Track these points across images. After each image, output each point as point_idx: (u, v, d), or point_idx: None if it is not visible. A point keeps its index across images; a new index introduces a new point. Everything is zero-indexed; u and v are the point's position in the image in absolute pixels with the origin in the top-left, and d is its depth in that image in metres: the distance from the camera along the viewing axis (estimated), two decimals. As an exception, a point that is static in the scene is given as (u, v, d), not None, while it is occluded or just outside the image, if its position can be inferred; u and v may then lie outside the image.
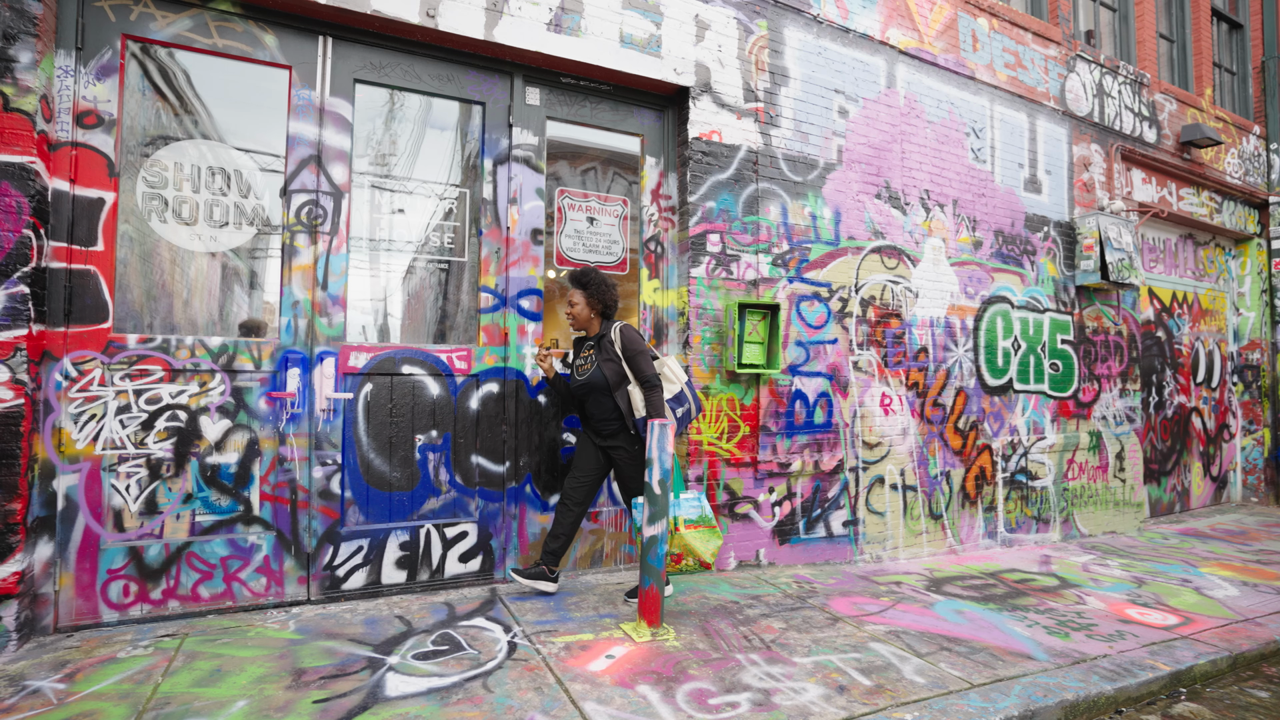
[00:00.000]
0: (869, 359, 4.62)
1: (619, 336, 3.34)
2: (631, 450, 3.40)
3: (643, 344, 3.34)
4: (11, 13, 2.70)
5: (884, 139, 4.77)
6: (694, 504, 3.28)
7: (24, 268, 2.69)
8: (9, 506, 2.65)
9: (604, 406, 3.36)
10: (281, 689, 2.41)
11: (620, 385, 3.31)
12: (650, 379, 3.27)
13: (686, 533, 3.19)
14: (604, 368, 3.31)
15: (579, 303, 3.42)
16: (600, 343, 3.37)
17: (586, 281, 3.41)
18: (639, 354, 3.29)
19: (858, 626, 3.25)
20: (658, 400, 3.27)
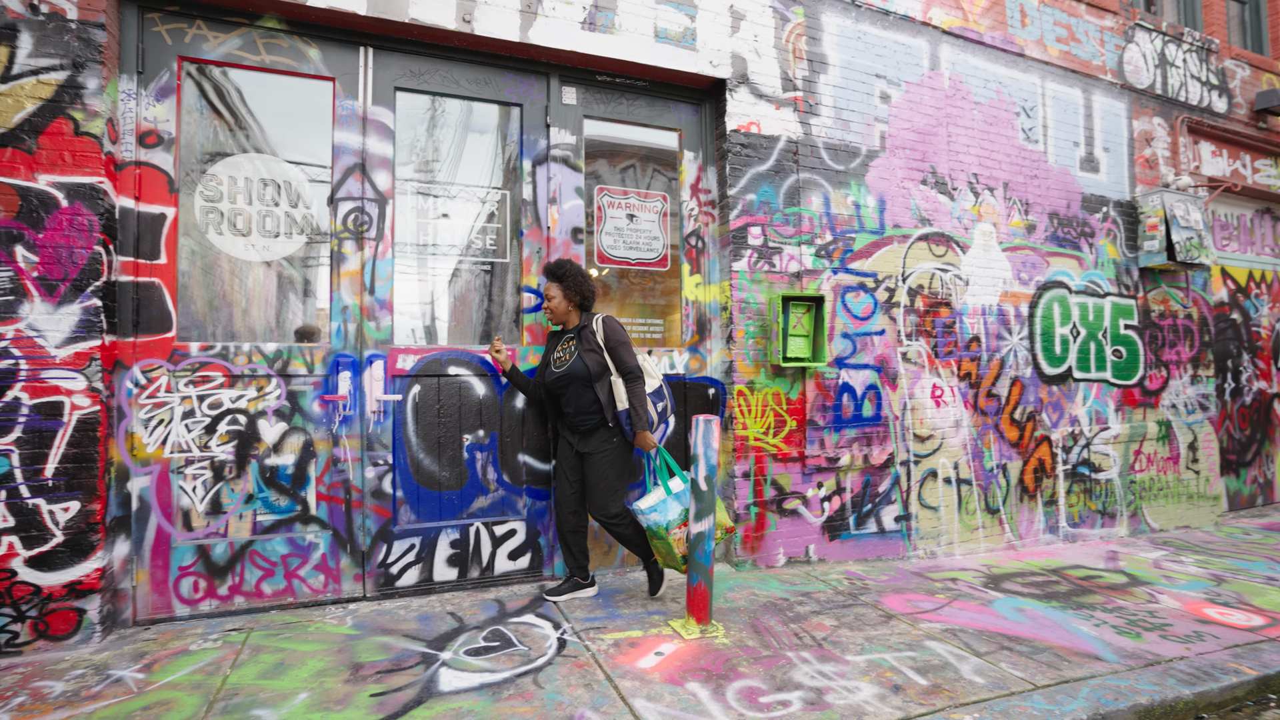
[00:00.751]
0: (918, 350, 4.49)
1: (601, 327, 3.29)
2: (610, 444, 3.30)
3: (625, 335, 3.32)
4: (80, 42, 2.86)
5: (928, 123, 4.62)
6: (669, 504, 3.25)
7: (96, 282, 2.84)
8: (90, 507, 2.80)
9: (583, 399, 3.27)
10: (340, 682, 2.48)
11: (602, 376, 3.24)
12: (633, 370, 3.24)
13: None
14: (585, 358, 3.23)
15: (556, 295, 3.34)
16: (581, 334, 3.31)
17: (563, 274, 3.33)
18: (622, 345, 3.26)
19: (912, 624, 3.16)
20: (640, 392, 3.23)
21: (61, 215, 2.81)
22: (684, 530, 3.13)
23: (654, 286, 4.16)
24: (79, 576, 2.78)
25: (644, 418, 3.24)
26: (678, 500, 3.18)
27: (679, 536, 3.14)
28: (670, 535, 3.13)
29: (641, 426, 3.24)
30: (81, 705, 2.32)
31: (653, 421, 3.33)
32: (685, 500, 3.17)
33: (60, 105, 2.83)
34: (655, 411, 3.36)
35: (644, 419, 3.24)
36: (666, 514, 3.15)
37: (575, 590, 3.42)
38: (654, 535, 3.20)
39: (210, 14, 3.19)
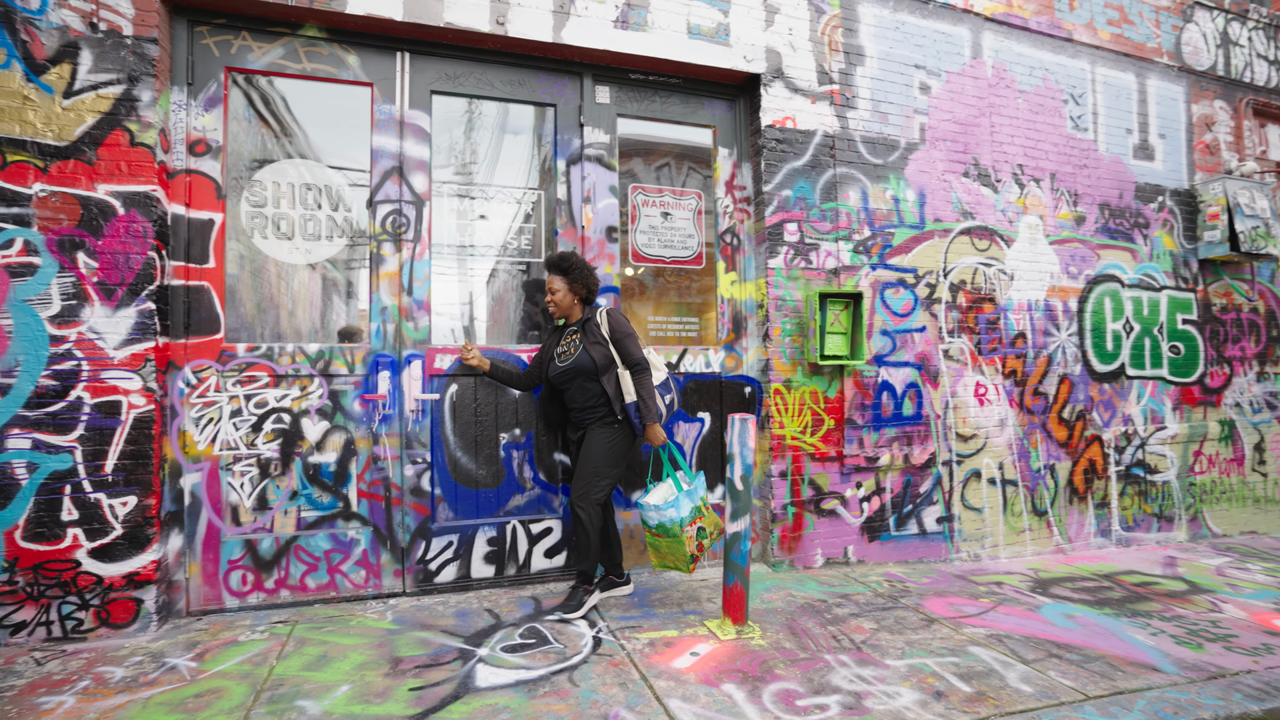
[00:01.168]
0: (961, 347, 4.36)
1: (606, 320, 3.22)
2: (611, 426, 3.21)
3: (630, 328, 3.25)
4: (135, 57, 2.98)
5: (970, 113, 4.49)
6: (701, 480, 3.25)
7: (150, 286, 2.96)
8: (146, 501, 2.92)
9: (588, 392, 3.20)
10: (380, 676, 2.53)
11: (608, 369, 3.17)
12: (640, 362, 3.18)
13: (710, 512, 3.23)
14: (591, 351, 3.16)
15: (560, 289, 3.26)
16: (585, 326, 3.24)
17: (567, 267, 3.26)
18: (628, 337, 3.20)
19: (955, 629, 3.08)
20: (649, 383, 3.18)
21: (118, 223, 2.93)
22: (694, 528, 3.12)
23: (689, 285, 4.14)
24: (137, 568, 2.90)
25: (653, 409, 3.17)
26: (689, 497, 3.14)
27: (690, 535, 3.10)
28: (683, 534, 3.09)
29: (651, 419, 3.17)
30: (139, 691, 2.41)
31: (661, 414, 3.25)
32: (695, 497, 3.15)
33: (117, 118, 2.95)
34: (663, 405, 3.29)
35: (653, 411, 3.17)
36: (680, 512, 3.10)
37: (610, 590, 3.42)
38: (663, 534, 3.14)
39: (254, 25, 3.29)
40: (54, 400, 2.84)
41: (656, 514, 3.13)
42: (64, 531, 2.83)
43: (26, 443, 2.81)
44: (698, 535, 3.14)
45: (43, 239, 2.86)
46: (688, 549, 3.12)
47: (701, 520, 3.17)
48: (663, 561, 3.26)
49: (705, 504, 3.21)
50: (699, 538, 3.15)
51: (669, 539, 3.14)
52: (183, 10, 3.19)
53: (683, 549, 3.12)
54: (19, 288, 2.82)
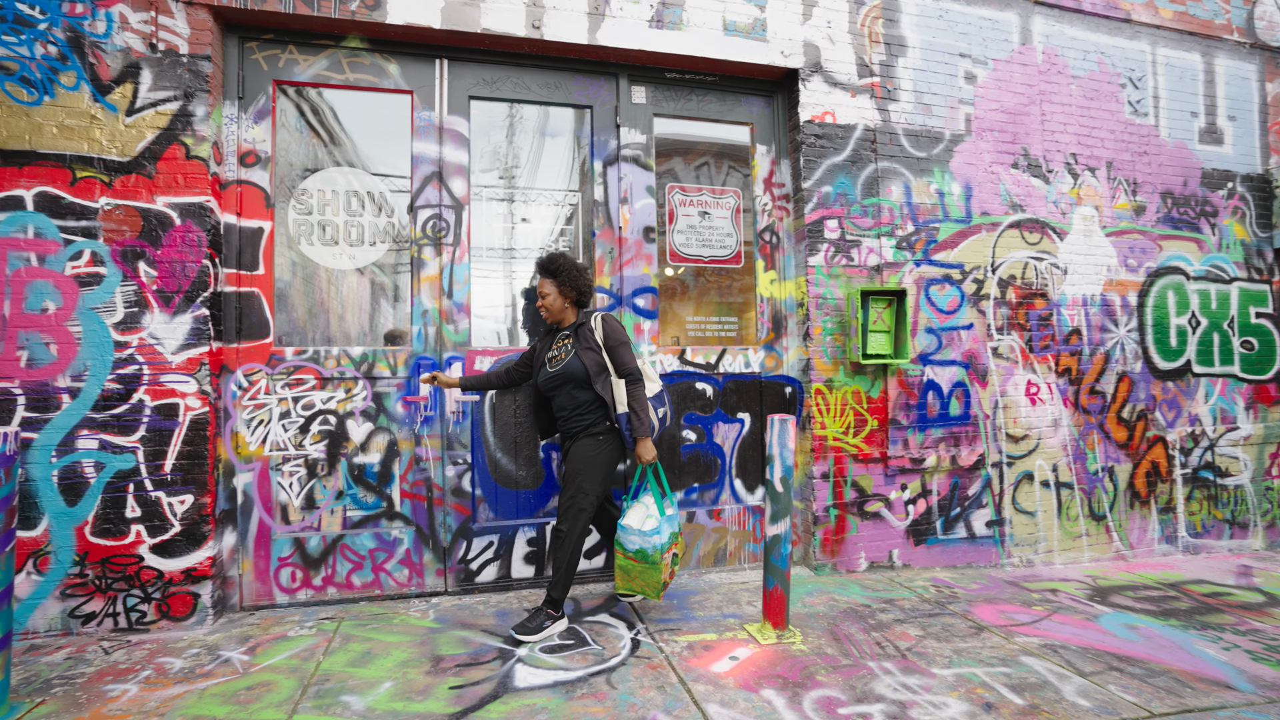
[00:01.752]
0: (1010, 344, 4.20)
1: (600, 325, 3.07)
2: (596, 438, 3.04)
3: (625, 335, 3.11)
4: (190, 74, 3.11)
5: (1019, 102, 4.32)
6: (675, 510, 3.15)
7: (204, 293, 3.08)
8: (202, 500, 3.05)
9: (577, 400, 3.05)
10: (422, 674, 2.58)
11: (600, 376, 3.01)
12: (634, 372, 3.02)
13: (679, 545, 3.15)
14: (583, 357, 3.01)
15: (550, 292, 3.11)
16: (578, 332, 3.09)
17: (556, 268, 3.11)
18: (622, 345, 3.05)
19: (1006, 637, 2.96)
20: (642, 395, 3.01)
21: (175, 233, 3.06)
22: (670, 555, 3.01)
23: (728, 284, 4.10)
24: (194, 563, 3.02)
25: (646, 422, 2.99)
26: (669, 523, 3.03)
27: (666, 562, 2.97)
28: (661, 560, 2.93)
29: (643, 433, 2.98)
30: (196, 682, 2.51)
31: (654, 428, 3.08)
32: (675, 523, 3.09)
33: (174, 133, 3.09)
34: (655, 418, 3.12)
35: (646, 424, 2.98)
36: (662, 537, 2.95)
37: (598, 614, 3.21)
38: (641, 559, 2.94)
39: (300, 38, 3.40)
40: (118, 403, 2.98)
41: (639, 539, 2.94)
42: (128, 528, 2.97)
43: (94, 443, 2.96)
44: (673, 562, 3.05)
45: (108, 250, 3.00)
46: (662, 576, 2.95)
47: (676, 547, 3.09)
48: (629, 585, 3.02)
49: (680, 533, 3.16)
50: (674, 565, 3.07)
51: (645, 565, 2.94)
52: (234, 27, 3.31)
53: (657, 576, 2.93)
54: (86, 296, 2.98)
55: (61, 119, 2.99)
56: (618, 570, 3.04)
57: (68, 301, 2.96)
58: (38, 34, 2.98)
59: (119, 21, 3.06)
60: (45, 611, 2.91)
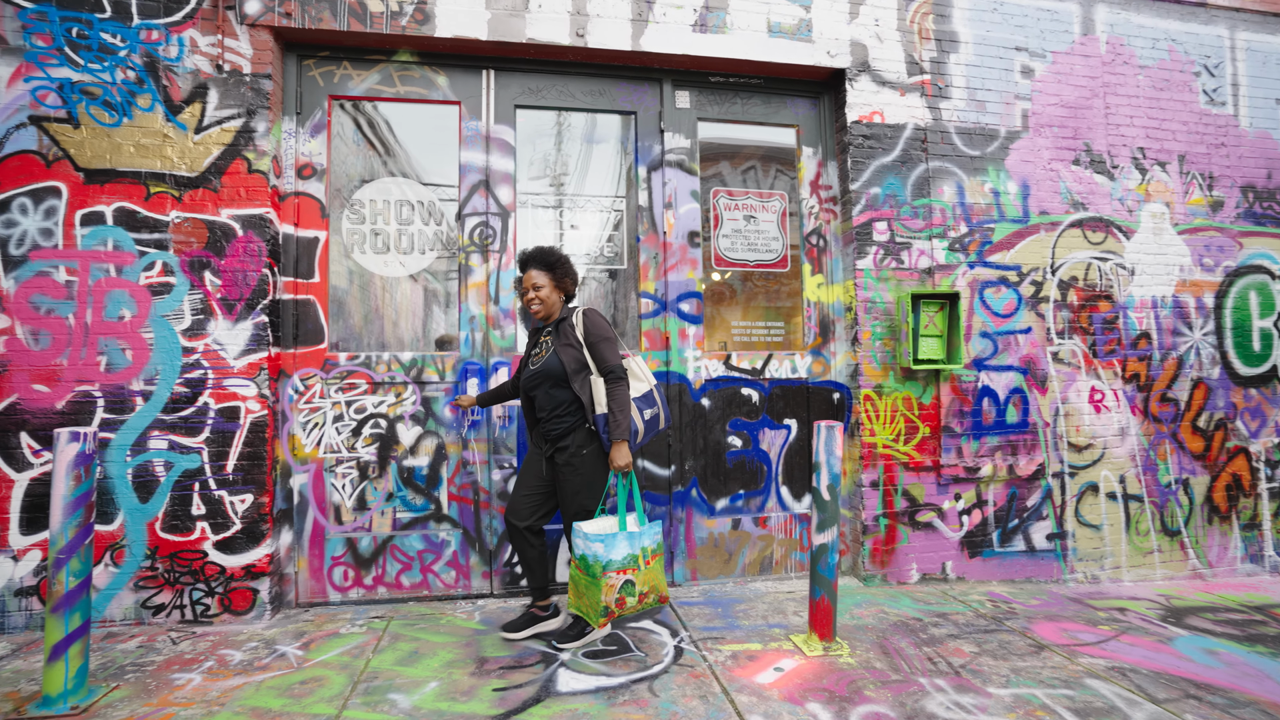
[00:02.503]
0: (1072, 349, 4.01)
1: (581, 320, 2.88)
2: (581, 452, 2.84)
3: (610, 331, 2.89)
4: (253, 92, 3.26)
5: (1081, 95, 4.13)
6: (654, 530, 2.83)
7: (264, 300, 3.22)
8: (261, 499, 3.17)
9: (555, 400, 2.86)
10: (466, 675, 2.61)
11: (579, 375, 2.83)
12: (615, 369, 2.80)
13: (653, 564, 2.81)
14: (561, 354, 2.85)
15: (545, 285, 2.91)
16: (559, 327, 2.92)
17: (554, 261, 2.94)
18: (604, 341, 2.83)
19: (1069, 658, 2.81)
20: (622, 395, 2.79)
21: (238, 243, 3.21)
22: (620, 578, 2.68)
23: (775, 288, 4.04)
24: (253, 560, 3.15)
25: (622, 425, 2.76)
26: (629, 541, 2.73)
27: (612, 583, 2.67)
28: (604, 578, 2.66)
29: (619, 435, 2.75)
30: (254, 674, 2.61)
31: (636, 432, 2.83)
32: (636, 544, 2.74)
33: (237, 148, 3.24)
34: (641, 420, 2.86)
35: (622, 427, 2.76)
36: (611, 551, 2.69)
37: (532, 625, 2.98)
38: (584, 569, 2.72)
39: (354, 54, 3.52)
40: (185, 405, 3.14)
41: (584, 543, 2.72)
42: (193, 524, 3.12)
43: (164, 443, 3.12)
44: (622, 588, 2.69)
45: (177, 260, 3.17)
46: (603, 598, 2.65)
47: (635, 574, 2.73)
48: (577, 603, 2.78)
49: (647, 557, 2.77)
50: (623, 591, 2.69)
51: (588, 578, 2.71)
52: (293, 46, 3.46)
53: (598, 596, 2.66)
54: (158, 304, 3.15)
55: (138, 138, 3.18)
56: (569, 582, 2.82)
57: (141, 310, 3.13)
58: (118, 60, 3.18)
59: (189, 45, 3.23)
60: (120, 601, 3.07)
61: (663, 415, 3.01)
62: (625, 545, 2.72)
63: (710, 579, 3.74)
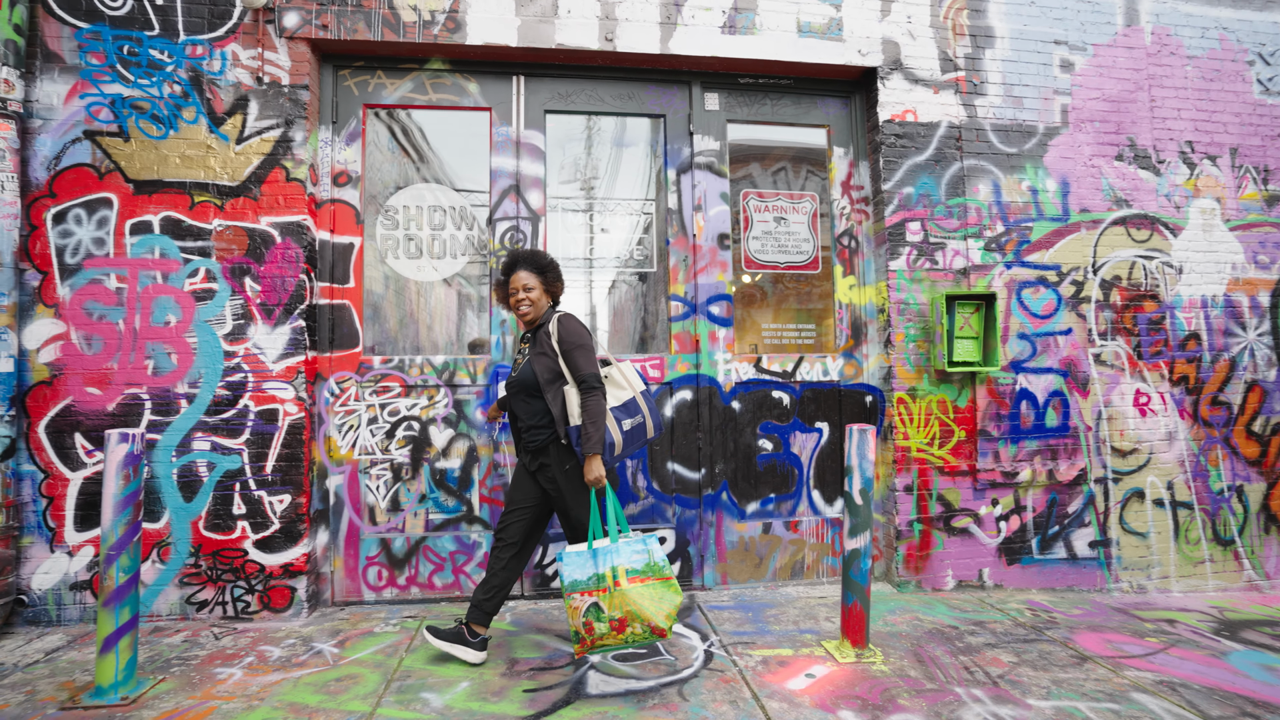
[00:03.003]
0: (1116, 350, 3.88)
1: (557, 327, 2.74)
2: (563, 469, 2.72)
3: (586, 338, 2.74)
4: (290, 103, 3.35)
5: (1124, 89, 4.00)
6: (639, 548, 2.59)
7: (301, 305, 3.30)
8: (298, 500, 3.25)
9: (531, 410, 2.75)
10: (497, 675, 2.63)
11: (554, 384, 2.70)
12: (589, 378, 2.65)
13: (630, 587, 2.50)
14: (535, 363, 2.72)
15: (535, 287, 2.79)
16: (536, 334, 2.81)
17: (545, 264, 2.83)
18: (579, 348, 2.69)
19: (1114, 670, 2.72)
20: (595, 406, 2.63)
21: (276, 250, 3.29)
22: (585, 600, 2.51)
23: (806, 290, 4.00)
24: (291, 559, 3.22)
25: (594, 438, 2.60)
26: (593, 560, 2.55)
27: (576, 605, 2.51)
28: (568, 599, 2.52)
29: (591, 449, 2.60)
30: (292, 671, 2.67)
31: (613, 445, 2.67)
32: (603, 563, 2.55)
33: (276, 157, 3.33)
34: (619, 432, 2.70)
35: (594, 440, 2.60)
36: (574, 570, 2.54)
37: (456, 644, 2.72)
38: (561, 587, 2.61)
39: (388, 63, 3.60)
40: (227, 408, 3.23)
41: (559, 561, 2.61)
42: (234, 523, 3.21)
43: (207, 445, 3.22)
44: (587, 612, 2.50)
45: (219, 267, 3.27)
46: (570, 621, 2.53)
47: (602, 597, 2.50)
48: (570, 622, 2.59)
49: (617, 578, 2.52)
50: (589, 615, 2.49)
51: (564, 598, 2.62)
52: (329, 57, 3.55)
53: (571, 618, 2.53)
54: (201, 310, 3.25)
55: (183, 150, 3.29)
56: None
57: (186, 315, 3.24)
58: (166, 75, 3.30)
59: (231, 59, 3.33)
60: (166, 597, 3.18)
61: (650, 424, 2.83)
62: (590, 564, 2.55)
63: (740, 583, 3.71)
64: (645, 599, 2.51)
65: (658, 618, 2.50)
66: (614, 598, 2.49)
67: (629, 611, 2.49)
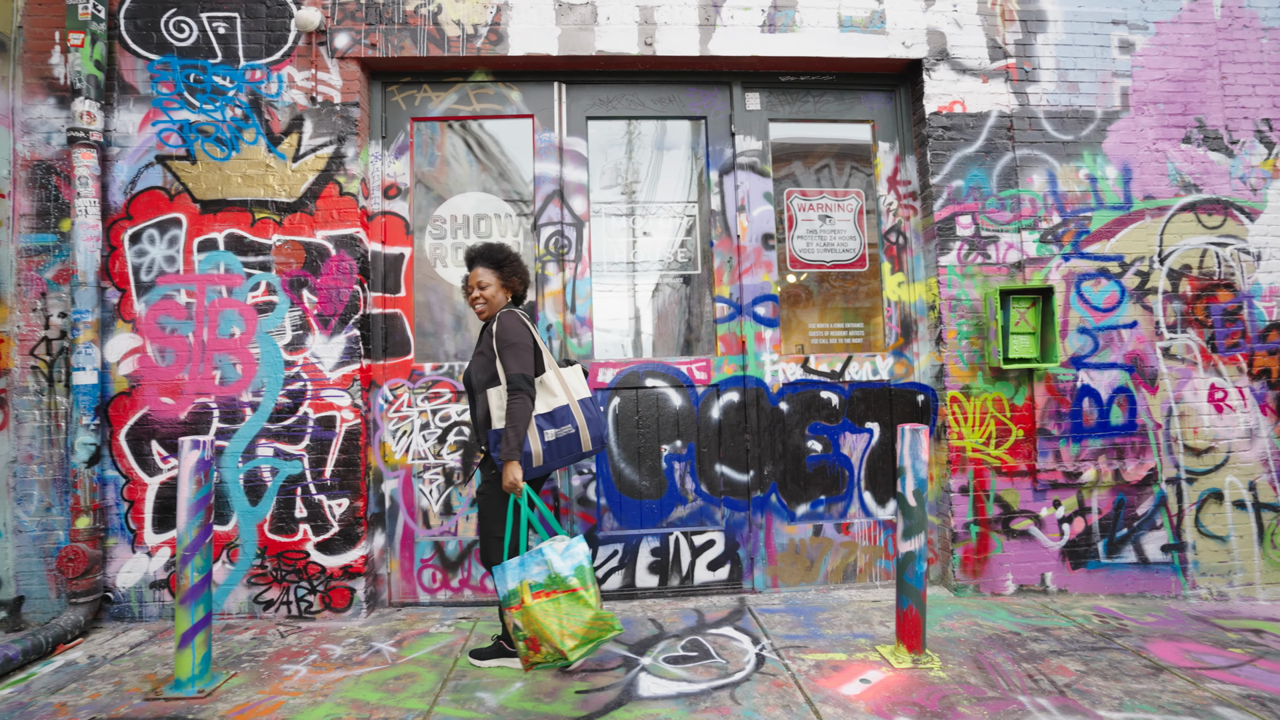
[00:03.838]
0: (1187, 343, 3.68)
1: (499, 324, 2.63)
2: (494, 472, 2.61)
3: (522, 336, 2.59)
4: (342, 120, 3.47)
5: (1191, 67, 3.80)
6: (537, 560, 2.43)
7: (355, 315, 3.41)
8: (356, 503, 3.36)
9: (476, 413, 2.66)
10: (550, 676, 2.66)
11: (487, 386, 2.60)
12: (514, 379, 2.51)
13: (533, 603, 2.35)
14: (474, 362, 2.66)
15: (490, 284, 2.70)
16: (483, 332, 2.74)
17: (501, 259, 2.73)
18: (509, 346, 2.56)
19: (1194, 682, 2.58)
20: (517, 410, 2.48)
21: (332, 262, 3.42)
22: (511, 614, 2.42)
23: (853, 289, 3.93)
24: (350, 561, 3.33)
25: (511, 444, 2.47)
26: (513, 572, 2.45)
27: (509, 620, 2.45)
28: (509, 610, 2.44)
29: (506, 455, 2.46)
30: (352, 669, 2.76)
31: (531, 455, 2.53)
32: (520, 573, 2.43)
33: (330, 173, 3.46)
34: (539, 443, 2.53)
35: (511, 445, 2.47)
36: (500, 588, 2.44)
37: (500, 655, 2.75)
38: None
39: (433, 77, 3.70)
40: (288, 415, 3.37)
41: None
42: (297, 526, 3.34)
43: (270, 450, 3.36)
44: (515, 630, 2.43)
45: (279, 280, 3.41)
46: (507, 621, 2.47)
47: (516, 614, 2.39)
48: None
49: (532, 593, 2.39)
50: (516, 633, 2.43)
51: None
52: (378, 74, 3.67)
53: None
54: (263, 321, 3.40)
55: (244, 170, 3.45)
56: None
57: (249, 327, 3.39)
58: (228, 100, 3.47)
59: (287, 81, 3.48)
60: (236, 596, 3.33)
61: (585, 436, 2.62)
62: (510, 577, 2.44)
63: (791, 586, 3.66)
64: (549, 616, 2.36)
65: (558, 638, 2.33)
66: (528, 617, 2.38)
67: (535, 631, 2.37)
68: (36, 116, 3.41)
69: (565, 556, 2.44)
